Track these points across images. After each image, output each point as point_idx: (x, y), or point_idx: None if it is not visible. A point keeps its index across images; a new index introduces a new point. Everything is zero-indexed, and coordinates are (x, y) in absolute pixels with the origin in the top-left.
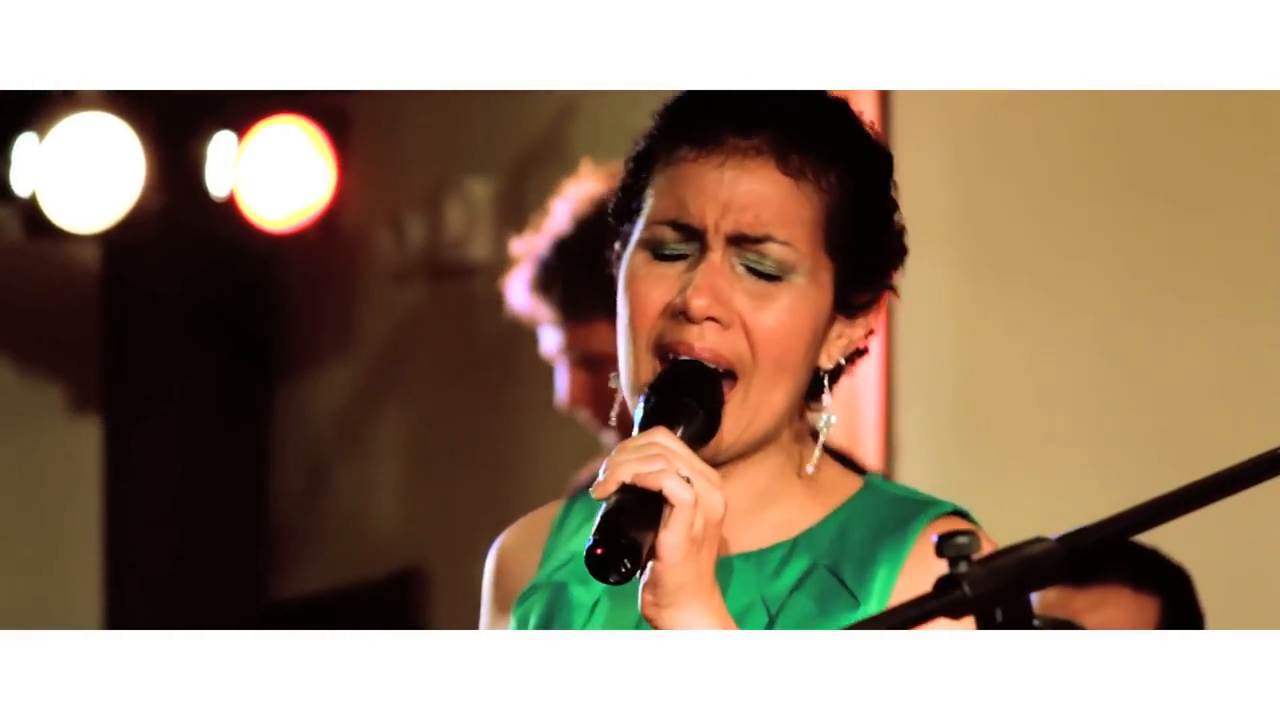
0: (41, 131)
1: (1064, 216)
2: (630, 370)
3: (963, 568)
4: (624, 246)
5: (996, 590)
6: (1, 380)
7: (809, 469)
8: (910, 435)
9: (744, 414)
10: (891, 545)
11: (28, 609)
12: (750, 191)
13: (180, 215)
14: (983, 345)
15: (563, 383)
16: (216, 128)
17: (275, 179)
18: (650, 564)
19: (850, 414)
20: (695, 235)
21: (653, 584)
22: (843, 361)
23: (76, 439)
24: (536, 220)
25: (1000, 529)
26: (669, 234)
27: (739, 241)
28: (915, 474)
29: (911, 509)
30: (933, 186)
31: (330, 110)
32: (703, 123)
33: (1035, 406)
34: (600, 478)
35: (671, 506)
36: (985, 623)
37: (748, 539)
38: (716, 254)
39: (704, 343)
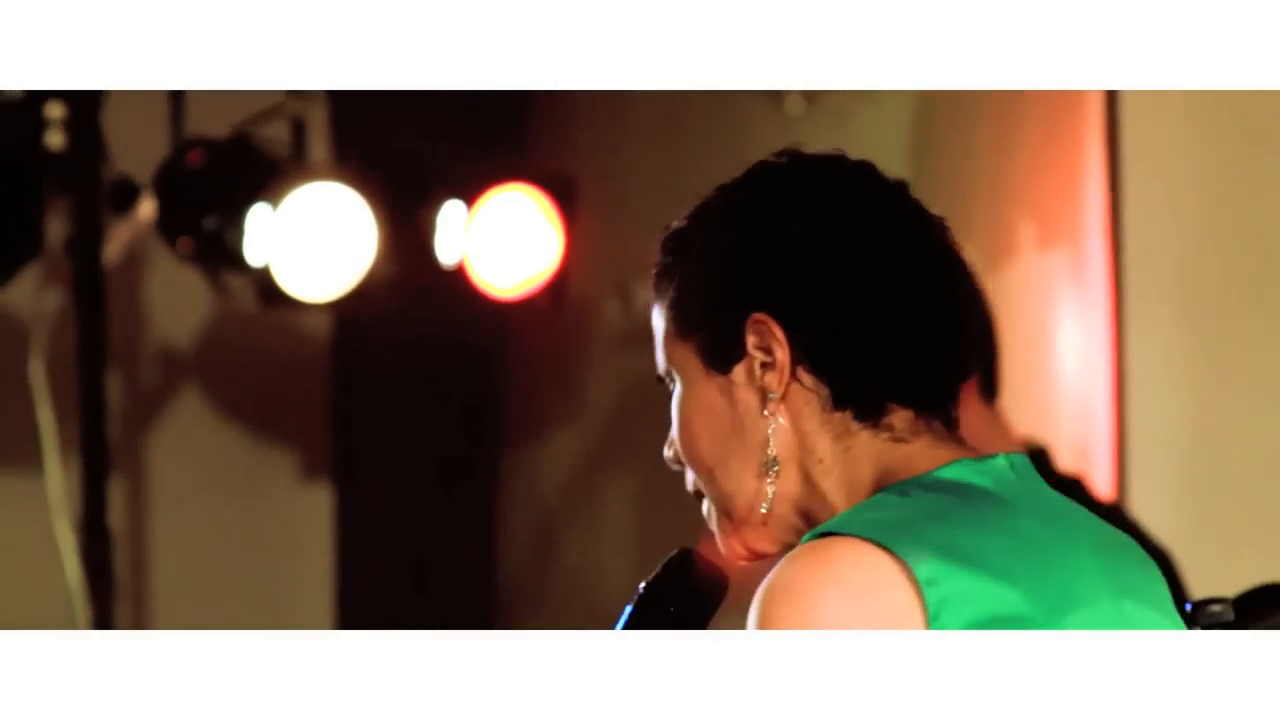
0: (274, 201)
1: None
2: None
3: None
4: None
5: None
6: (234, 448)
7: (762, 508)
8: (1143, 507)
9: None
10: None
11: None
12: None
13: (410, 284)
14: (1220, 408)
15: None
16: (446, 196)
17: (504, 247)
18: None
19: None
20: None
21: None
22: (773, 393)
23: (308, 507)
24: None
25: None
26: None
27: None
28: None
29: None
30: (1161, 261)
31: (558, 178)
32: None
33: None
34: None
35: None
36: None
37: None
38: None
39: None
